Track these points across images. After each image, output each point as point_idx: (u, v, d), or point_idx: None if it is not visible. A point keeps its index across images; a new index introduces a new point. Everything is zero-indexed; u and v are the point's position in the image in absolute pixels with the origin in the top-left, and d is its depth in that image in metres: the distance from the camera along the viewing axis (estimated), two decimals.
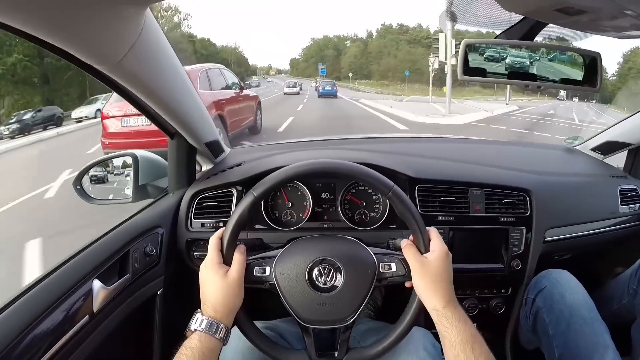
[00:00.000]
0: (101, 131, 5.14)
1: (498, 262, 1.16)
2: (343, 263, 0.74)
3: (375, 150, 1.32)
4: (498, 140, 1.78)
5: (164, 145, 1.14)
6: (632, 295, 1.12)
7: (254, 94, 7.78)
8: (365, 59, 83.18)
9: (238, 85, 6.86)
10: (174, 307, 1.11)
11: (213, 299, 0.71)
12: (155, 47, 0.76)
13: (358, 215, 1.14)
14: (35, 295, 0.74)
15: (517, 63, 0.85)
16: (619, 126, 1.45)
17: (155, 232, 1.05)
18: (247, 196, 0.74)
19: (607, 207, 1.33)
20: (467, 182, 1.16)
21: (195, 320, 0.71)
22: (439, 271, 0.71)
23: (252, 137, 7.24)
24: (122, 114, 4.90)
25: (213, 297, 0.71)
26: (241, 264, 0.74)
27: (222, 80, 6.29)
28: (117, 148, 4.67)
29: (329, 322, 0.73)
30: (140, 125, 4.77)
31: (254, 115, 7.42)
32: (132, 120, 4.85)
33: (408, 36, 78.42)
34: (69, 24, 0.56)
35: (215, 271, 0.72)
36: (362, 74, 78.28)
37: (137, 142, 4.58)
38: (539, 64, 0.85)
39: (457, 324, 0.68)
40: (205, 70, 5.72)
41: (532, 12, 0.72)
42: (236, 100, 6.48)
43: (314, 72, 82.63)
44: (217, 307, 0.71)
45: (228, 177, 1.16)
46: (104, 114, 5.14)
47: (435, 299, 0.70)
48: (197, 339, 0.68)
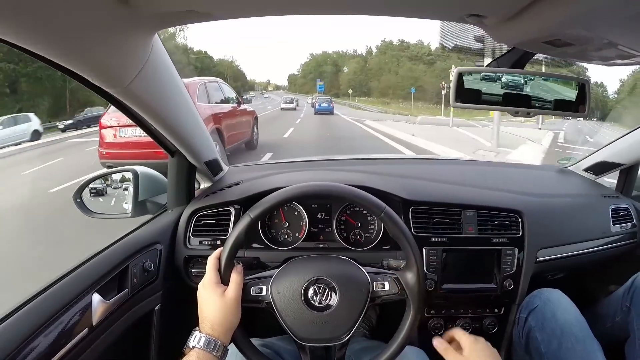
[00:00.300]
0: (98, 141, 5.15)
1: (491, 282, 1.17)
2: (337, 282, 0.76)
3: (369, 172, 1.35)
4: (490, 161, 1.80)
5: (161, 156, 1.16)
6: (626, 313, 1.12)
7: (251, 109, 7.79)
8: (365, 76, 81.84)
9: (235, 99, 6.91)
10: (171, 322, 1.11)
11: (211, 317, 0.73)
12: (162, 71, 0.79)
13: (353, 236, 1.16)
14: (36, 307, 0.75)
15: (512, 82, 0.88)
16: (610, 147, 1.47)
17: (154, 248, 1.07)
18: (243, 218, 0.77)
19: (599, 227, 1.34)
20: (460, 204, 1.18)
21: (193, 337, 0.72)
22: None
23: (247, 152, 7.23)
24: (119, 125, 4.91)
25: (211, 316, 0.73)
26: (238, 283, 0.75)
27: (220, 94, 6.34)
28: (114, 158, 4.75)
29: (325, 340, 0.75)
30: (138, 136, 4.78)
31: (251, 130, 7.41)
32: (130, 131, 4.87)
33: (409, 53, 77.03)
34: (81, 49, 0.59)
35: (213, 290, 0.74)
36: (362, 90, 77.37)
37: (134, 153, 4.61)
38: (533, 83, 0.88)
39: None
40: (204, 84, 5.79)
41: (521, 44, 0.75)
42: (233, 114, 6.51)
43: (312, 89, 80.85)
44: (215, 326, 0.72)
45: (226, 196, 1.18)
46: (102, 124, 5.16)
47: None
48: (195, 356, 0.69)
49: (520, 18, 0.62)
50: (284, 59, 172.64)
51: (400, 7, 0.65)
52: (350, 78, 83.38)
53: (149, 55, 0.70)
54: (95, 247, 0.95)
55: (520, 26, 0.65)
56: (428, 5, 0.65)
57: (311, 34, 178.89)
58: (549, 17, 0.60)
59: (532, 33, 0.68)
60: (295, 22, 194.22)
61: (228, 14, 0.66)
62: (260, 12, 0.64)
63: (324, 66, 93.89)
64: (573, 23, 0.60)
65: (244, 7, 0.63)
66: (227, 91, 6.74)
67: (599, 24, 0.58)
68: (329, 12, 0.65)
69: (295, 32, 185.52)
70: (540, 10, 0.58)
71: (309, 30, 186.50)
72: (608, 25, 0.58)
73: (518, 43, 0.75)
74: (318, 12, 0.65)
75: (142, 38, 0.66)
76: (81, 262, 0.89)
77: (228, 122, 6.08)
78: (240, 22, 66.04)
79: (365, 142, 10.87)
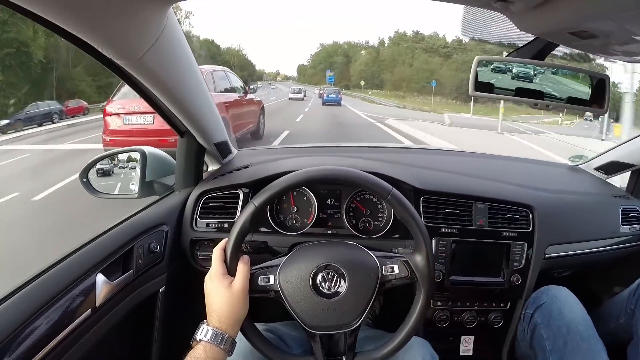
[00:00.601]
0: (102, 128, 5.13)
1: (498, 276, 1.17)
2: (346, 268, 0.75)
3: (381, 160, 1.34)
4: (503, 155, 1.78)
5: (166, 145, 1.15)
6: (630, 315, 1.12)
7: (258, 99, 7.80)
8: (378, 67, 78.52)
9: (242, 89, 6.87)
10: (175, 305, 1.11)
11: (218, 310, 0.72)
12: (175, 46, 0.77)
13: (362, 223, 1.14)
14: (39, 287, 0.75)
15: (522, 73, 0.86)
16: (623, 147, 1.46)
17: (160, 229, 1.06)
18: (248, 206, 0.76)
19: (609, 227, 1.34)
20: (472, 196, 1.17)
21: (200, 330, 0.71)
22: None
23: (253, 142, 7.19)
24: (124, 112, 4.89)
25: (218, 308, 0.72)
26: (245, 274, 0.74)
27: (227, 82, 6.33)
28: (118, 146, 4.65)
29: (335, 327, 0.74)
30: (143, 124, 4.79)
31: (257, 120, 7.40)
32: (135, 119, 4.86)
33: (424, 44, 74.16)
34: (95, 18, 0.57)
35: (219, 282, 0.73)
36: (374, 83, 73.90)
37: (138, 141, 4.47)
38: (542, 76, 0.87)
39: None
40: (211, 72, 5.79)
41: (546, 34, 0.73)
42: (239, 104, 6.50)
43: (322, 80, 77.88)
44: (222, 318, 0.71)
45: (235, 179, 1.17)
46: (106, 111, 5.14)
47: None
48: (202, 350, 0.69)
49: (548, 6, 0.60)
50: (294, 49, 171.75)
51: None
52: (361, 69, 79.98)
53: (162, 28, 0.68)
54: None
55: (546, 15, 0.63)
56: None
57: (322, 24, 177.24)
58: (577, 6, 0.59)
59: (558, 23, 0.66)
60: (306, 12, 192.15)
61: None
62: None
63: (334, 57, 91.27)
64: (601, 14, 0.59)
65: None
66: (234, 80, 6.71)
67: (627, 17, 0.57)
68: None
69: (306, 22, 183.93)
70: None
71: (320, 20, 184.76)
72: (634, 17, 0.57)
73: (542, 33, 0.73)
74: None
75: (156, 10, 0.64)
76: (86, 242, 0.88)
77: (234, 111, 6.10)
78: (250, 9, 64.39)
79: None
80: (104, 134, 5.07)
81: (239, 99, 6.50)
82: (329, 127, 12.74)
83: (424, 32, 78.07)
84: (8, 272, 2.28)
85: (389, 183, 0.78)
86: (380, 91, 64.63)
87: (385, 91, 64.59)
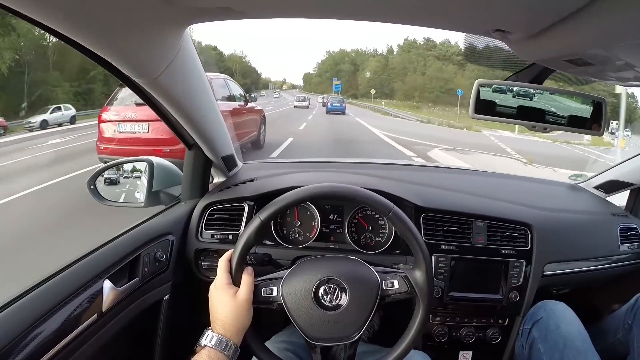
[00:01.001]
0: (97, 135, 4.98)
1: (497, 293, 1.18)
2: (348, 282, 0.77)
3: (383, 177, 1.36)
4: (503, 173, 1.79)
5: (160, 155, 1.17)
6: (627, 330, 1.13)
7: (259, 108, 7.60)
8: (387, 75, 73.30)
9: (243, 97, 6.72)
10: (178, 313, 1.13)
11: (223, 318, 0.74)
12: (189, 65, 0.81)
13: (364, 239, 1.17)
14: (47, 290, 0.77)
15: (523, 92, 0.89)
16: (622, 166, 1.48)
17: (166, 238, 1.08)
18: (254, 220, 0.78)
19: (607, 245, 1.35)
20: (471, 214, 1.19)
21: (205, 336, 0.73)
22: None
23: (254, 151, 7.03)
24: (119, 119, 4.76)
25: (223, 316, 0.74)
26: (249, 285, 0.77)
27: (226, 91, 6.17)
28: (112, 154, 4.54)
29: (336, 339, 0.76)
30: (137, 132, 4.65)
31: (258, 129, 7.18)
32: (129, 127, 4.72)
33: (436, 52, 69.06)
34: (115, 38, 0.61)
35: (224, 292, 0.75)
36: (383, 92, 67.58)
37: (132, 150, 4.47)
38: (542, 96, 0.89)
39: None
40: (210, 80, 5.50)
41: (543, 61, 0.76)
42: (239, 112, 6.32)
43: (328, 88, 74.06)
44: (227, 326, 0.73)
45: (241, 192, 1.20)
46: (101, 117, 4.99)
47: None
48: (207, 354, 0.71)
49: (544, 36, 0.64)
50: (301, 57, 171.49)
51: (429, 18, 0.67)
52: (370, 78, 75.91)
53: (179, 49, 0.72)
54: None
55: (543, 43, 0.66)
56: (456, 19, 0.66)
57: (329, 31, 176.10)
58: (572, 36, 0.62)
59: (554, 51, 0.69)
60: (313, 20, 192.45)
61: (262, 13, 0.68)
62: (294, 14, 0.66)
63: (341, 64, 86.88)
64: (596, 44, 0.61)
65: (278, 7, 0.65)
66: (234, 88, 6.55)
67: (621, 47, 0.60)
68: (359, 19, 0.66)
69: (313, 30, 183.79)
70: (563, 29, 0.59)
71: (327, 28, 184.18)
72: (629, 48, 0.60)
73: (539, 60, 0.76)
74: (349, 18, 0.67)
75: (174, 32, 0.68)
76: (93, 249, 0.91)
77: (233, 120, 5.89)
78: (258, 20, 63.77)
79: None
80: (98, 142, 4.94)
81: (239, 107, 6.35)
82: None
83: (435, 39, 72.15)
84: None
85: (391, 200, 0.80)
86: (391, 101, 56.97)
87: (396, 101, 57.16)
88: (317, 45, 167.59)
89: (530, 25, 0.62)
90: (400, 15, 0.67)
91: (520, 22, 0.63)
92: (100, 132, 4.90)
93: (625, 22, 0.51)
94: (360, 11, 0.65)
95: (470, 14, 0.62)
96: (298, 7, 0.64)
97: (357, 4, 0.62)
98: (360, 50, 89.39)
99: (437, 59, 64.65)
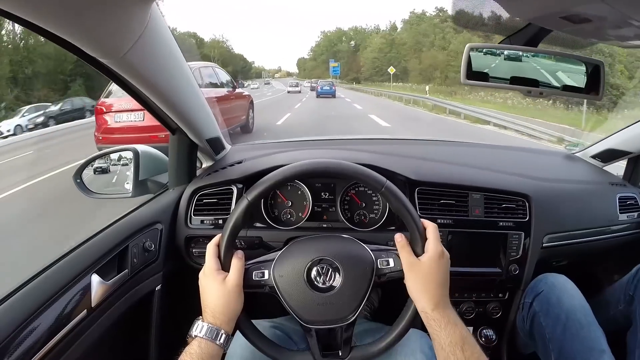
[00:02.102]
0: (94, 126, 5.28)
1: (496, 267, 1.16)
2: (340, 261, 0.74)
3: (375, 152, 1.33)
4: (498, 144, 1.77)
5: (156, 140, 1.15)
6: (629, 302, 1.12)
7: (247, 93, 7.97)
8: (397, 53, 59.71)
9: (231, 83, 7.06)
10: (171, 303, 1.11)
11: (213, 306, 0.72)
12: (160, 42, 0.76)
13: (357, 216, 1.14)
14: (34, 289, 0.74)
15: (513, 54, 0.85)
16: (619, 134, 1.45)
17: (155, 227, 1.06)
18: (241, 201, 0.75)
19: (606, 215, 1.34)
20: (467, 186, 1.16)
21: (195, 327, 0.71)
22: (429, 273, 0.71)
23: (243, 136, 7.26)
24: (115, 110, 5.02)
25: (213, 304, 0.72)
26: (239, 269, 0.74)
27: (215, 78, 6.49)
28: (111, 143, 4.75)
29: (331, 322, 0.74)
30: (133, 121, 4.89)
31: (246, 114, 7.52)
32: (125, 116, 4.97)
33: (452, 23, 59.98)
34: (75, 16, 0.56)
35: (213, 278, 0.73)
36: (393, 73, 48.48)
37: (130, 138, 4.71)
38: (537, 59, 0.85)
39: (445, 327, 0.68)
40: (198, 69, 5.94)
41: (537, 19, 0.72)
42: (227, 98, 6.66)
43: (325, 73, 65.51)
44: (217, 314, 0.71)
45: (228, 175, 1.16)
46: (97, 109, 5.28)
47: (424, 301, 0.70)
48: (197, 345, 0.69)
49: None
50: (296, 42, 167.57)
51: None
52: (375, 57, 62.56)
53: (146, 24, 0.67)
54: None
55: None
56: None
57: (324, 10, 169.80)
58: None
59: (549, 6, 0.65)
60: None
61: None
62: None
63: (338, 45, 76.94)
64: None
65: None
66: (222, 75, 6.88)
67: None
68: None
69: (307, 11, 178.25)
70: None
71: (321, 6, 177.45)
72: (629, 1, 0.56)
73: (534, 18, 0.73)
74: None
75: (139, 5, 0.63)
76: (80, 243, 0.88)
77: (222, 106, 6.25)
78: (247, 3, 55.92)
79: None
80: (96, 132, 5.21)
81: (227, 94, 6.67)
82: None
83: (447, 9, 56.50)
84: None
85: (382, 175, 0.77)
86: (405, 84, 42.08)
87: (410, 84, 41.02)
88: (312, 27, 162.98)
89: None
90: None
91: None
92: (98, 123, 5.21)
93: None
94: None
95: None
96: None
97: None
98: (360, 28, 78.01)
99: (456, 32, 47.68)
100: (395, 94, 24.75)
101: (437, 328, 0.68)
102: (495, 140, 6.72)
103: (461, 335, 0.68)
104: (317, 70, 74.22)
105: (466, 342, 0.67)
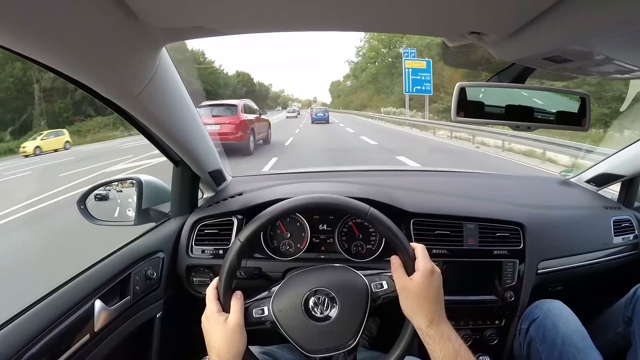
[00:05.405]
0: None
1: (492, 294, 1.17)
2: (336, 290, 0.76)
3: (372, 184, 1.36)
4: (492, 173, 1.80)
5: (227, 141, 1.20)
6: (627, 323, 1.12)
7: (267, 118, 11.83)
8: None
9: (259, 111, 10.83)
10: (172, 330, 1.12)
11: (217, 346, 0.73)
12: (169, 83, 0.80)
13: (354, 247, 1.16)
14: (38, 313, 0.76)
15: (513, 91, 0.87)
16: (612, 159, 1.48)
17: (157, 256, 1.08)
18: (233, 244, 0.77)
19: (601, 239, 1.35)
20: (461, 217, 1.18)
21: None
22: (421, 290, 0.73)
23: (265, 146, 10.85)
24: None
25: (217, 345, 0.73)
26: (239, 309, 0.76)
27: (250, 108, 10.01)
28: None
29: (333, 349, 0.75)
30: (213, 130, 7.52)
31: (267, 132, 11.35)
32: (209, 128, 5.52)
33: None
34: (90, 61, 0.60)
35: (215, 320, 0.74)
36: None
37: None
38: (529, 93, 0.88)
39: (439, 342, 0.69)
40: (244, 103, 9.56)
41: (521, 60, 0.76)
42: (258, 121, 10.26)
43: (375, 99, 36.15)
44: (222, 353, 0.72)
45: (229, 206, 1.19)
46: None
47: (419, 318, 0.72)
48: None
49: (520, 35, 0.63)
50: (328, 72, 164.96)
51: (403, 24, 0.67)
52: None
53: (156, 68, 0.71)
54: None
55: (520, 43, 0.66)
56: (430, 23, 0.66)
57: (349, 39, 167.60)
58: (548, 34, 0.61)
59: (532, 50, 0.69)
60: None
61: (233, 30, 0.67)
62: (265, 29, 0.65)
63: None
64: (571, 40, 0.61)
65: (248, 24, 0.65)
66: (254, 107, 10.71)
67: (597, 41, 0.59)
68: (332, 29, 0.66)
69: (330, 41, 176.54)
70: (539, 28, 0.59)
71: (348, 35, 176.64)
72: (606, 42, 0.59)
73: (518, 59, 0.76)
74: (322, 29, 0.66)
75: (149, 52, 0.67)
76: (84, 269, 0.90)
77: (255, 125, 9.78)
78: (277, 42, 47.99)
79: None
80: None
81: (257, 117, 10.28)
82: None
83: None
84: None
85: (379, 209, 0.79)
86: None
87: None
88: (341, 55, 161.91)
89: (505, 25, 0.62)
90: (376, 23, 0.67)
91: (495, 23, 0.63)
92: None
93: (600, 16, 0.51)
94: (330, 22, 0.65)
95: (443, 17, 0.62)
96: (267, 22, 0.63)
97: (326, 15, 0.62)
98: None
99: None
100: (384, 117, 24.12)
101: (432, 344, 0.70)
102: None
103: (454, 349, 0.69)
104: (360, 93, 44.20)
105: (459, 355, 0.69)
